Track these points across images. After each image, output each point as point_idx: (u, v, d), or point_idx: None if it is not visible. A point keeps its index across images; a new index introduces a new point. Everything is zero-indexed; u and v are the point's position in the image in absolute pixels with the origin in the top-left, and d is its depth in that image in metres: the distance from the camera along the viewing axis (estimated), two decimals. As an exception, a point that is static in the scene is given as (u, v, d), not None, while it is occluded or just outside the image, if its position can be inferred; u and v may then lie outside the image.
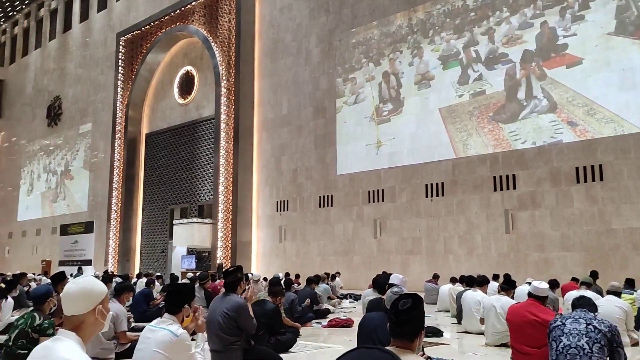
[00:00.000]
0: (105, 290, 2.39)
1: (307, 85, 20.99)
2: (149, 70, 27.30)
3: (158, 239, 25.74)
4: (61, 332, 2.26)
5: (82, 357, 2.15)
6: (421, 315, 2.59)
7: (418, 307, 2.57)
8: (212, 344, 5.25)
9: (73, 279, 10.70)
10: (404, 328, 2.53)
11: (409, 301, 2.57)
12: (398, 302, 2.57)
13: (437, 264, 16.23)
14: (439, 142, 16.94)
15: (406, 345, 2.52)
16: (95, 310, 2.29)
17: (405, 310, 2.53)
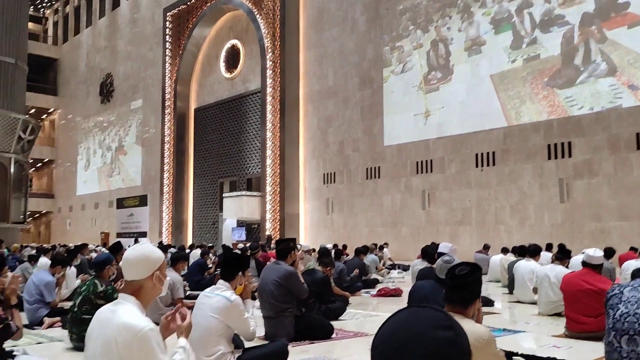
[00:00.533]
0: (163, 257, 2.47)
1: (353, 56, 20.73)
2: (195, 45, 27.61)
3: (209, 211, 26.42)
4: (122, 297, 2.36)
5: (142, 319, 2.24)
6: (478, 283, 2.59)
7: (475, 274, 2.57)
8: (265, 310, 5.39)
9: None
10: (459, 294, 2.53)
11: (467, 268, 2.58)
12: (455, 268, 2.59)
13: (487, 235, 15.96)
14: (490, 110, 16.46)
15: (459, 312, 2.52)
16: (153, 276, 2.38)
17: (462, 276, 2.53)
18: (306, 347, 5.03)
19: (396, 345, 1.03)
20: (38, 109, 39.80)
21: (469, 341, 2.32)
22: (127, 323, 2.21)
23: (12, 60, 17.09)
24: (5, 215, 16.71)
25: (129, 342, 2.17)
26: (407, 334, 1.03)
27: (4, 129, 16.47)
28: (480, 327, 2.54)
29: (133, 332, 2.18)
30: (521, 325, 6.08)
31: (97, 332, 2.30)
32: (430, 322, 1.07)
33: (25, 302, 6.59)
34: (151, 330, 2.23)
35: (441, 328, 1.04)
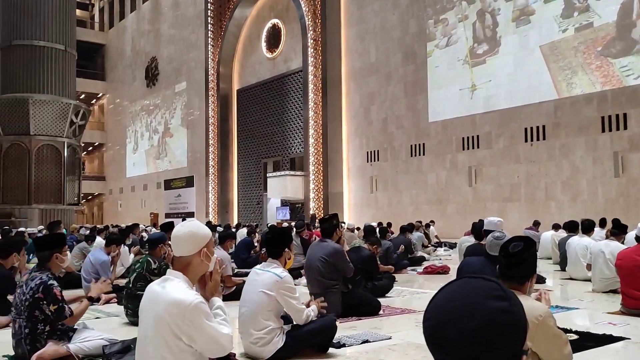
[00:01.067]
0: (210, 234, 2.51)
1: (396, 31, 20.34)
2: (237, 26, 27.72)
3: (253, 191, 26.79)
4: (170, 272, 2.42)
5: (190, 294, 2.30)
6: (533, 258, 2.52)
7: (530, 250, 2.51)
8: (312, 287, 5.45)
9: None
10: (514, 271, 2.48)
11: (521, 244, 2.51)
12: (509, 245, 2.52)
13: (537, 211, 15.55)
14: (539, 82, 15.89)
15: (515, 288, 2.46)
16: (201, 253, 2.42)
17: (517, 253, 2.47)
18: (354, 323, 5.07)
19: (449, 317, 1.01)
20: (88, 94, 41.09)
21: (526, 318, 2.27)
22: (176, 298, 2.27)
23: (62, 47, 17.59)
24: (61, 197, 17.39)
25: (180, 316, 2.24)
26: (459, 304, 1.01)
27: (57, 115, 17.07)
28: (537, 304, 2.48)
29: (183, 307, 2.24)
30: (574, 303, 5.93)
31: (148, 308, 2.37)
32: (483, 292, 1.03)
33: (83, 280, 6.92)
34: (199, 302, 2.28)
35: (494, 298, 1.00)
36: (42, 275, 3.92)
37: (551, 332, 2.45)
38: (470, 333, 0.97)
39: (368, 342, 4.28)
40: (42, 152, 16.96)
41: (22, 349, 3.87)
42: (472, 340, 0.97)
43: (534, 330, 2.39)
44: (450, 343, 0.99)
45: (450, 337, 0.99)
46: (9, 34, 17.08)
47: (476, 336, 0.97)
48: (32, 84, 16.86)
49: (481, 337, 0.97)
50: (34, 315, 3.84)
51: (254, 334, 3.75)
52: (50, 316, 3.85)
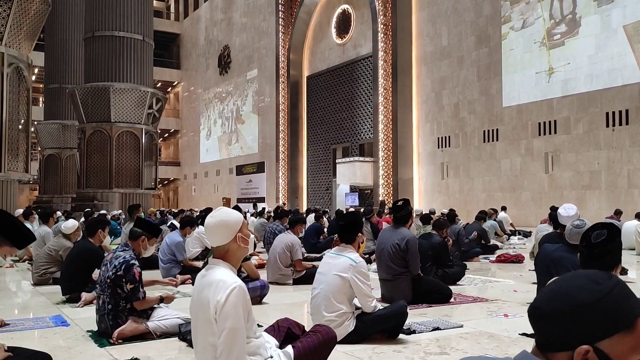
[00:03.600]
0: (241, 219, 2.55)
1: (469, 13, 19.76)
2: (307, 13, 27.89)
3: (322, 177, 27.07)
4: (212, 261, 2.52)
5: (233, 277, 2.39)
6: (618, 248, 2.36)
7: (615, 239, 2.35)
8: (382, 273, 5.48)
9: (249, 215, 11.78)
10: (599, 263, 2.32)
11: (604, 232, 2.35)
12: (591, 234, 2.38)
13: (618, 200, 14.77)
14: (622, 64, 14.98)
15: None
16: (237, 238, 2.49)
17: (600, 243, 2.32)
18: (424, 310, 5.09)
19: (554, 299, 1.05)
20: (164, 82, 42.84)
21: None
22: (218, 280, 2.37)
23: (140, 37, 18.36)
24: (139, 182, 18.26)
25: (220, 299, 2.32)
26: (567, 286, 1.03)
27: (136, 102, 17.92)
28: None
29: (223, 289, 2.33)
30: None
31: (196, 292, 2.50)
32: (592, 276, 1.04)
33: (160, 262, 7.26)
34: (240, 287, 2.36)
35: (601, 282, 1.02)
36: (125, 255, 4.15)
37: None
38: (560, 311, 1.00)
39: (439, 329, 4.27)
40: (122, 138, 17.83)
41: (105, 324, 4.05)
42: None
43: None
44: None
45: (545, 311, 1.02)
46: (92, 26, 18.03)
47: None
48: (113, 73, 17.70)
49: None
50: (117, 292, 4.03)
51: (326, 316, 3.84)
52: (127, 294, 4.05)
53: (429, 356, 3.57)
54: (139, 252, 4.33)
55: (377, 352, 3.67)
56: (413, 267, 5.36)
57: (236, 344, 2.33)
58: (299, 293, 6.17)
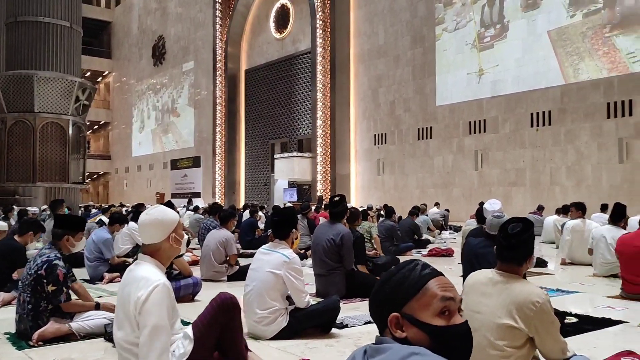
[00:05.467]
0: (177, 219, 2.54)
1: (405, 13, 20.19)
2: (245, 6, 27.54)
3: (260, 172, 26.90)
4: (140, 257, 2.50)
5: (157, 274, 2.38)
6: (532, 239, 2.52)
7: (529, 230, 2.50)
8: (317, 268, 5.53)
9: (182, 209, 11.54)
10: (513, 252, 2.47)
11: (519, 225, 2.50)
12: (507, 226, 2.51)
13: (541, 196, 15.59)
14: (546, 68, 15.80)
15: (513, 270, 2.49)
16: (170, 238, 2.48)
17: (516, 234, 2.46)
18: (357, 304, 5.16)
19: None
20: (93, 72, 41.08)
21: (523, 303, 2.32)
22: (141, 277, 2.36)
23: (67, 23, 17.49)
24: (65, 176, 17.42)
25: (140, 295, 2.30)
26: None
27: (62, 92, 17.06)
28: (536, 290, 2.44)
29: (145, 287, 2.32)
30: (575, 286, 6.02)
31: (121, 287, 2.49)
32: (400, 264, 1.35)
33: (86, 260, 6.87)
34: (163, 285, 2.35)
35: (402, 265, 1.36)
36: (50, 254, 3.92)
37: (548, 319, 2.41)
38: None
39: (371, 322, 4.33)
40: (47, 129, 16.95)
41: (24, 324, 3.85)
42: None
43: (531, 316, 2.37)
44: None
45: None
46: (14, 11, 17.02)
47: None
48: (37, 61, 16.79)
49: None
50: (37, 292, 3.82)
51: (259, 313, 3.83)
52: (48, 295, 3.82)
53: (361, 349, 3.61)
54: (67, 251, 4.11)
55: (309, 347, 3.68)
56: (347, 262, 5.44)
57: (159, 342, 2.30)
58: (232, 290, 6.00)
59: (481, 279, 2.56)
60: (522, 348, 2.40)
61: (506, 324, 2.39)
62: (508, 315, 2.39)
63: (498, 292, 2.45)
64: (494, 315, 2.42)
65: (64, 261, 3.99)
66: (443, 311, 1.25)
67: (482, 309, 2.45)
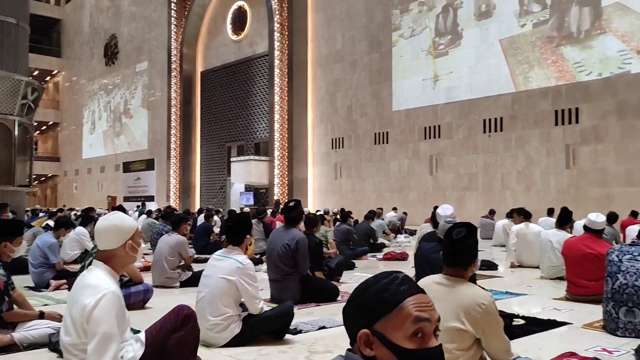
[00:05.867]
0: (135, 226, 2.50)
1: (362, 18, 20.40)
2: (201, 7, 27.21)
3: (216, 176, 26.56)
4: (94, 263, 2.45)
5: (105, 282, 2.34)
6: (475, 243, 2.59)
7: (472, 235, 2.57)
8: (271, 273, 5.48)
9: (135, 213, 11.25)
10: (459, 257, 2.54)
11: (463, 230, 2.56)
12: (452, 231, 2.58)
13: (493, 200, 16.02)
14: (498, 75, 16.28)
15: (459, 274, 2.56)
16: (126, 245, 2.43)
17: (460, 239, 2.53)
18: (312, 309, 5.14)
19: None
20: (42, 71, 39.66)
21: (470, 306, 2.37)
22: (91, 284, 2.32)
23: (14, 20, 16.80)
24: (10, 178, 16.70)
25: (88, 303, 2.27)
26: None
27: (7, 91, 16.35)
28: (481, 292, 2.52)
29: (94, 294, 2.28)
30: (523, 289, 6.19)
31: (71, 293, 2.44)
32: (377, 275, 1.29)
33: (30, 265, 6.57)
34: (112, 293, 2.31)
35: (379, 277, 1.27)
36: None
37: (494, 320, 2.50)
38: None
39: (325, 328, 4.33)
40: (-9, 130, 16.25)
41: None
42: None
43: (478, 318, 2.45)
44: None
45: None
46: (-44, 6, 16.25)
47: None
48: (-19, 59, 16.09)
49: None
50: None
51: (211, 320, 3.76)
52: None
53: (314, 355, 3.60)
54: (6, 258, 3.89)
55: (262, 354, 3.64)
56: (302, 267, 5.42)
57: (108, 350, 2.27)
58: (185, 296, 5.95)
59: (430, 283, 2.61)
60: (469, 350, 2.47)
61: (454, 327, 2.45)
62: (456, 319, 2.45)
63: (446, 297, 2.50)
64: (442, 320, 2.45)
65: (4, 268, 3.80)
66: (416, 333, 1.17)
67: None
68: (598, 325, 4.24)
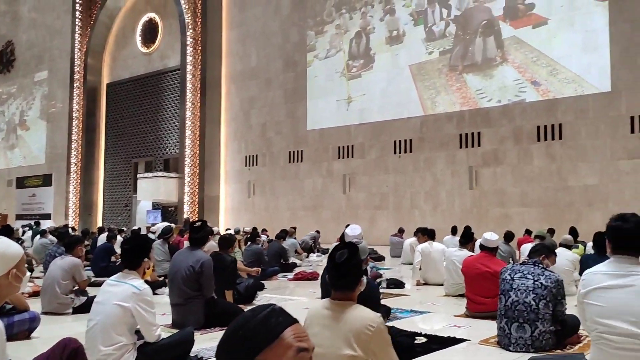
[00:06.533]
0: (20, 253, 2.28)
1: (277, 37, 20.50)
2: (109, 17, 26.13)
3: (121, 193, 25.32)
4: None
5: None
6: (359, 263, 2.60)
7: (354, 256, 2.57)
8: (174, 297, 5.24)
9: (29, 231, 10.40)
10: (344, 280, 2.54)
11: (345, 252, 2.55)
12: (334, 255, 2.56)
13: (403, 219, 16.49)
14: (408, 99, 16.93)
15: (347, 296, 2.54)
16: (9, 274, 2.21)
17: (343, 262, 2.52)
18: (216, 333, 4.94)
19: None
20: None
21: (360, 330, 2.35)
22: None
23: None
24: None
25: None
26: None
27: None
28: (370, 314, 2.50)
29: None
30: (427, 306, 6.33)
31: None
32: (256, 308, 1.27)
33: None
34: None
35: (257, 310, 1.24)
36: None
37: (385, 342, 2.49)
38: None
39: (228, 353, 4.16)
40: None
41: None
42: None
43: (369, 341, 2.42)
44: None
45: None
46: None
47: None
48: None
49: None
50: None
51: (102, 350, 3.48)
52: None
53: (214, 385, 3.42)
54: None
55: (158, 386, 3.39)
56: (207, 290, 5.25)
57: None
58: (78, 324, 5.50)
59: (319, 309, 2.60)
60: None
61: (346, 355, 2.41)
62: (347, 345, 2.42)
63: (335, 323, 2.48)
64: (334, 347, 2.46)
65: None
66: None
67: (323, 342, 2.46)
68: (493, 341, 4.41)
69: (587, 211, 13.58)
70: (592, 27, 13.81)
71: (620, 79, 13.35)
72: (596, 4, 13.80)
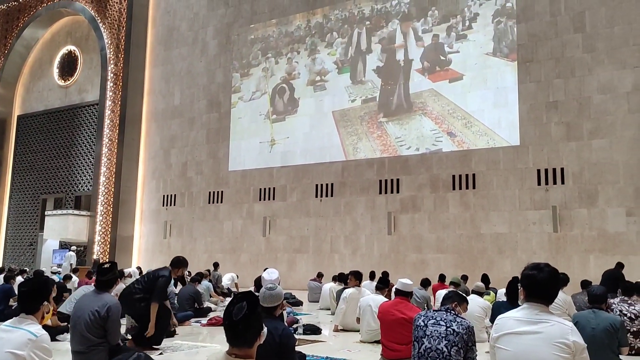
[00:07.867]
0: None
1: (202, 78, 20.42)
2: (25, 46, 25.01)
3: (26, 230, 23.64)
4: None
5: None
6: (258, 316, 2.41)
7: (254, 311, 2.38)
8: (75, 344, 4.89)
9: None
10: (242, 338, 2.34)
11: (244, 305, 2.36)
12: (232, 310, 2.35)
13: (323, 263, 16.52)
14: (330, 144, 17.27)
15: (246, 353, 2.36)
16: None
17: (241, 319, 2.33)
18: (120, 384, 4.60)
19: None
20: None
21: None
22: None
23: None
24: None
25: None
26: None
27: None
28: None
29: None
30: (344, 353, 6.29)
31: None
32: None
33: None
34: None
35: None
36: None
37: None
38: None
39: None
40: None
41: None
42: None
43: None
44: None
45: None
46: None
47: None
48: None
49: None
50: None
51: (-13, 407, 3.14)
52: None
53: None
54: None
55: None
56: (113, 336, 4.93)
57: None
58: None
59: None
60: None
61: None
62: None
63: None
64: None
65: None
66: None
67: None
68: (408, 388, 4.41)
69: (498, 258, 14.26)
70: (502, 85, 14.90)
71: (528, 134, 14.40)
72: (506, 64, 14.95)
